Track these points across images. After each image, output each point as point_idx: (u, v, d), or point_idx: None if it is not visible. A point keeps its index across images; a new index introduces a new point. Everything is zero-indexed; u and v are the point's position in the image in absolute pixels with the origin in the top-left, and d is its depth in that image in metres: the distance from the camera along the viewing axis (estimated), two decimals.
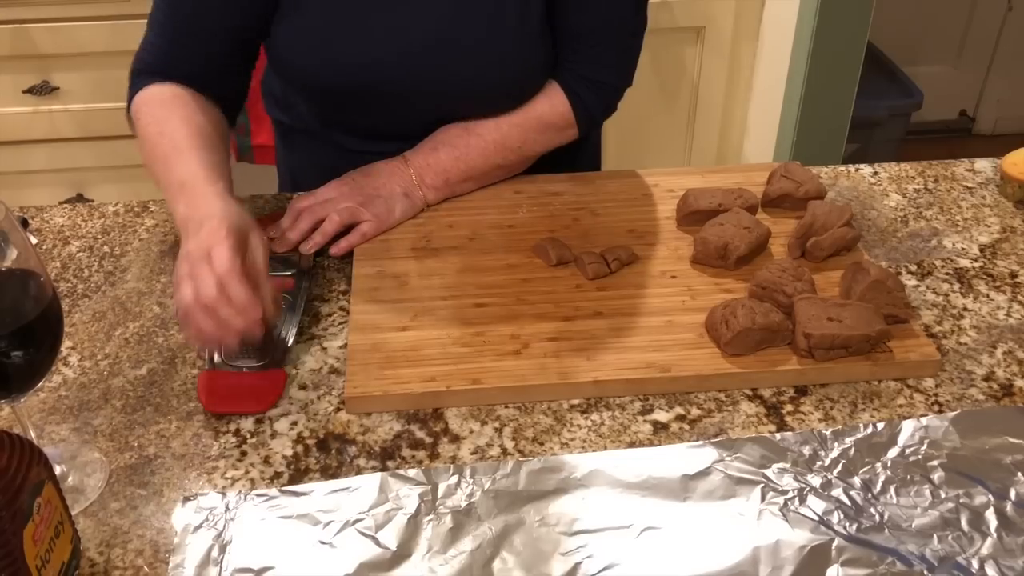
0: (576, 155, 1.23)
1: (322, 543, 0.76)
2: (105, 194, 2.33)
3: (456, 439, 0.85)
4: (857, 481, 0.80)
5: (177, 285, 0.85)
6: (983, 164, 1.23)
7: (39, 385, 0.76)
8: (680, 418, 0.87)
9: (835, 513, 0.78)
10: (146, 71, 1.07)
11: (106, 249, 1.09)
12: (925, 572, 0.73)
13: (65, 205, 1.17)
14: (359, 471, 0.82)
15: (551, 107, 1.12)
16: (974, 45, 3.18)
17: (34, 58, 2.23)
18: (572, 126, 1.14)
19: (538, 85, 1.12)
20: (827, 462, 0.82)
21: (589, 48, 1.12)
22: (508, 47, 1.08)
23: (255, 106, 2.05)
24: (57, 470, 0.73)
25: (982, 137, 3.27)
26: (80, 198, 2.31)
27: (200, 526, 0.77)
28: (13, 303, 0.71)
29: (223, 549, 0.75)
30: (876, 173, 1.22)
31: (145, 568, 0.74)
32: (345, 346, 0.94)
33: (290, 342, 0.94)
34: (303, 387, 0.90)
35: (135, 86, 1.07)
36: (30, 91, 2.26)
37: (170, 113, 1.01)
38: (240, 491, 0.80)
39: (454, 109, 1.12)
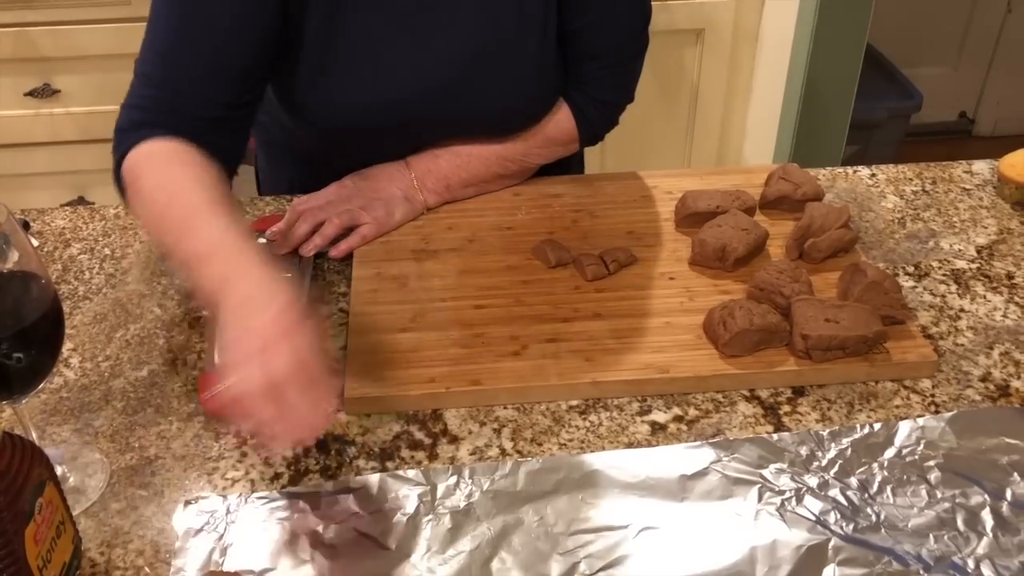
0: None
1: (323, 544, 0.76)
2: (106, 197, 2.33)
3: (455, 440, 0.85)
4: (854, 481, 0.81)
5: (237, 365, 0.72)
6: (980, 166, 1.24)
7: (40, 387, 0.77)
8: (678, 419, 0.87)
9: (832, 513, 0.78)
10: (136, 126, 0.96)
11: (107, 251, 1.09)
12: (921, 572, 0.74)
13: (66, 208, 1.17)
14: (359, 472, 0.82)
15: (556, 125, 1.14)
16: (974, 47, 3.18)
17: (36, 61, 2.24)
18: (575, 141, 1.16)
19: (549, 108, 1.13)
20: (824, 462, 0.82)
21: (597, 70, 1.13)
22: (527, 79, 1.09)
23: None
24: (58, 471, 0.74)
25: (982, 139, 3.27)
26: (81, 200, 2.31)
27: (201, 529, 0.78)
28: (15, 305, 0.72)
29: (224, 552, 0.76)
30: (874, 175, 1.23)
31: (146, 568, 0.75)
32: (345, 347, 0.95)
33: None
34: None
35: (124, 143, 0.96)
36: (31, 94, 2.26)
37: (177, 173, 0.91)
38: (241, 493, 0.80)
39: (468, 138, 1.12)
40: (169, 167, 0.92)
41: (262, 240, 1.06)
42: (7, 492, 0.64)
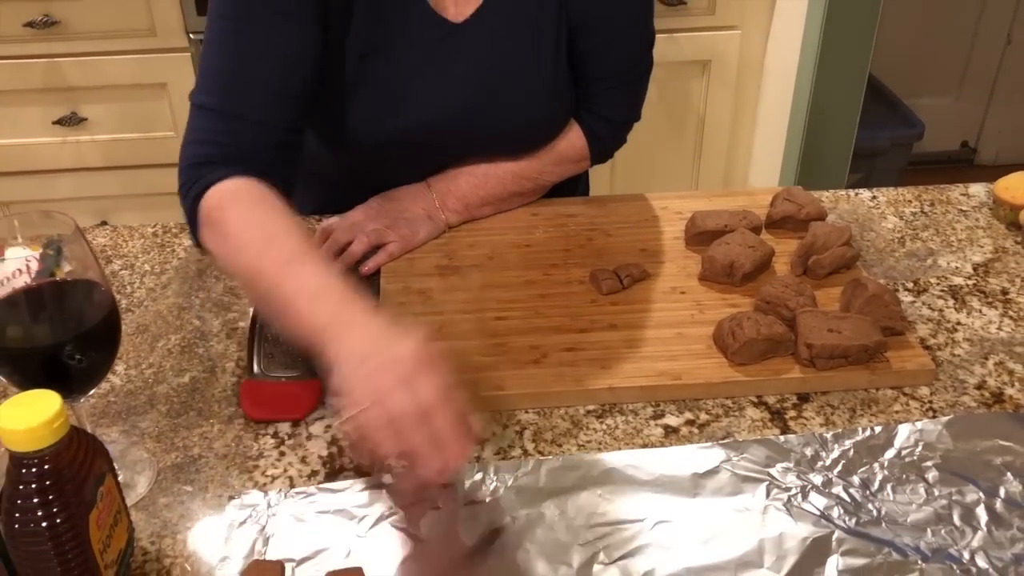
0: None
1: (357, 536, 0.81)
2: (128, 221, 2.37)
3: (480, 441, 0.91)
4: (856, 480, 0.86)
5: (382, 395, 0.76)
6: (977, 189, 1.30)
7: (96, 387, 0.83)
8: (689, 423, 0.93)
9: (835, 508, 0.83)
10: (207, 162, 1.00)
11: (147, 267, 1.15)
12: (920, 562, 0.79)
13: (107, 226, 1.23)
14: (390, 470, 0.87)
15: (568, 143, 1.21)
16: (974, 78, 3.25)
17: (64, 90, 2.31)
18: (586, 159, 1.24)
19: (563, 127, 1.20)
20: (828, 462, 0.88)
21: (605, 90, 1.20)
22: (542, 101, 1.16)
23: None
24: None
25: (984, 167, 3.33)
26: (104, 225, 2.38)
27: (244, 522, 0.83)
28: (78, 310, 0.78)
29: (266, 542, 0.81)
30: (875, 197, 1.28)
31: (193, 557, 0.80)
32: None
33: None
34: (336, 393, 0.96)
35: (199, 181, 0.99)
36: (59, 122, 2.33)
37: (268, 217, 0.94)
38: (280, 489, 0.86)
39: (487, 156, 1.19)
40: (254, 210, 0.95)
41: None
42: (74, 480, 0.69)
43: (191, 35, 2.25)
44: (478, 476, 0.86)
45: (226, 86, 1.02)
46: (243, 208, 0.96)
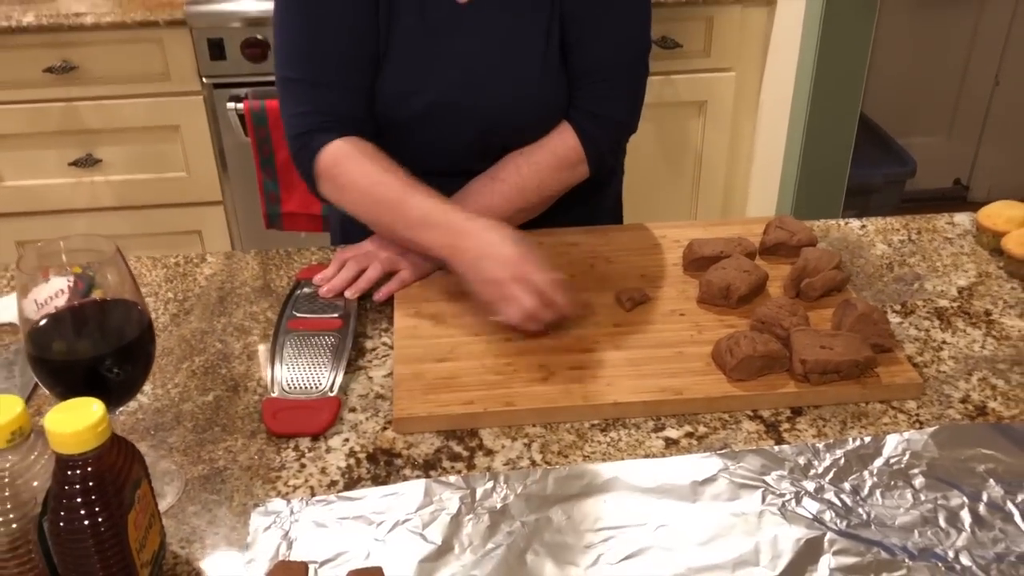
0: (595, 210, 1.36)
1: (376, 540, 0.86)
2: None
3: (490, 453, 0.96)
4: (847, 486, 0.91)
5: (511, 282, 1.06)
6: (961, 217, 1.36)
7: (132, 398, 0.88)
8: (689, 435, 0.98)
9: (827, 512, 0.88)
10: (309, 129, 1.21)
11: (170, 295, 1.21)
12: (907, 560, 0.83)
13: (132, 258, 1.29)
14: (405, 479, 0.92)
15: (563, 142, 1.26)
16: (965, 117, 3.34)
17: (80, 133, 2.38)
18: (583, 162, 1.27)
19: (555, 117, 1.27)
20: (820, 470, 0.92)
21: (593, 84, 1.26)
22: (533, 76, 1.24)
23: (286, 175, 2.20)
24: None
25: (977, 204, 3.36)
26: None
27: (269, 527, 0.88)
28: (117, 327, 0.83)
29: (289, 546, 0.86)
30: (864, 226, 1.34)
31: (221, 561, 0.85)
32: (389, 375, 1.06)
33: (341, 373, 1.05)
34: (352, 410, 1.01)
35: (310, 146, 1.21)
36: (75, 163, 2.41)
37: (376, 166, 1.18)
38: (302, 497, 0.91)
39: (489, 131, 1.26)
40: (363, 163, 1.19)
41: (307, 289, 1.18)
42: (115, 482, 0.74)
43: (204, 79, 2.32)
44: (489, 484, 0.91)
45: (306, 57, 1.21)
46: (354, 164, 1.19)
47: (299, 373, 1.04)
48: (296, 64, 1.21)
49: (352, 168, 1.19)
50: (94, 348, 0.82)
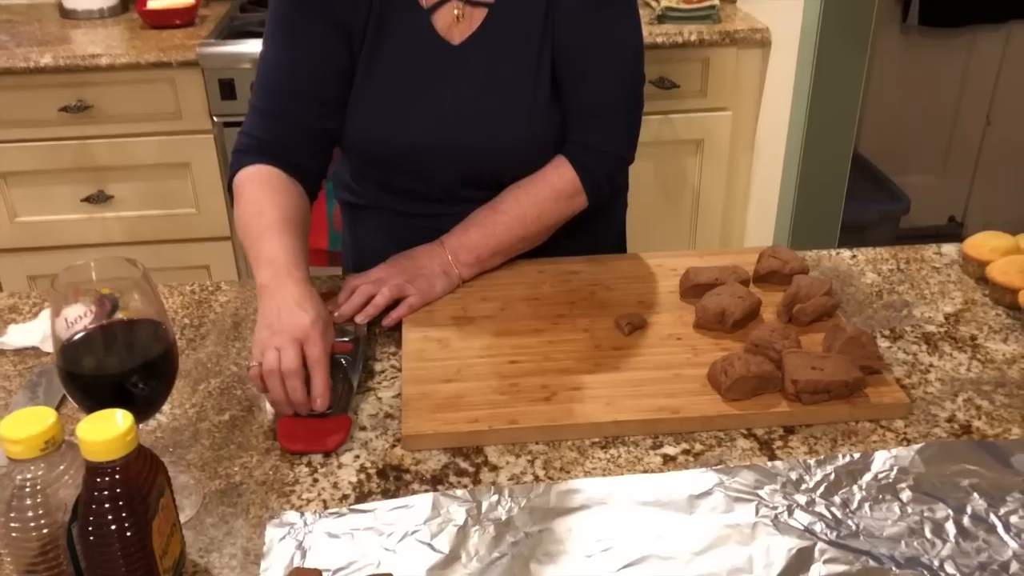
0: (598, 237, 1.42)
1: (386, 549, 0.90)
2: None
3: (495, 468, 1.00)
4: (837, 499, 0.95)
5: (262, 346, 1.06)
6: (948, 248, 1.41)
7: (156, 412, 0.92)
8: (686, 452, 1.02)
9: (818, 524, 0.92)
10: (247, 150, 1.28)
11: (187, 321, 1.26)
12: (894, 568, 0.87)
13: None
14: (414, 494, 0.96)
15: (559, 175, 1.31)
16: (958, 156, 3.41)
17: (93, 170, 2.45)
18: (580, 193, 1.32)
19: (546, 152, 1.32)
20: (811, 484, 0.97)
21: (587, 118, 1.31)
22: (531, 117, 1.29)
23: None
24: None
25: None
26: None
27: (284, 538, 0.92)
28: (144, 344, 0.88)
29: (303, 555, 0.90)
30: (854, 256, 1.40)
31: (238, 569, 0.89)
32: (397, 396, 1.10)
33: (352, 394, 1.09)
34: (363, 428, 1.06)
35: (237, 164, 1.28)
36: (87, 199, 2.47)
37: (267, 196, 1.23)
38: (315, 510, 0.95)
39: (478, 167, 1.32)
40: (261, 189, 1.24)
41: None
42: (141, 489, 0.79)
43: (214, 118, 2.39)
44: (494, 498, 0.95)
45: (269, 91, 1.29)
46: (252, 188, 1.25)
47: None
48: (258, 93, 1.30)
49: (249, 191, 1.24)
50: (121, 364, 0.86)
